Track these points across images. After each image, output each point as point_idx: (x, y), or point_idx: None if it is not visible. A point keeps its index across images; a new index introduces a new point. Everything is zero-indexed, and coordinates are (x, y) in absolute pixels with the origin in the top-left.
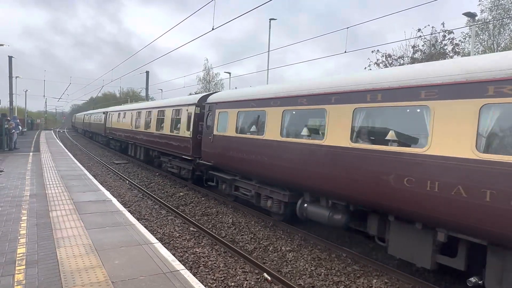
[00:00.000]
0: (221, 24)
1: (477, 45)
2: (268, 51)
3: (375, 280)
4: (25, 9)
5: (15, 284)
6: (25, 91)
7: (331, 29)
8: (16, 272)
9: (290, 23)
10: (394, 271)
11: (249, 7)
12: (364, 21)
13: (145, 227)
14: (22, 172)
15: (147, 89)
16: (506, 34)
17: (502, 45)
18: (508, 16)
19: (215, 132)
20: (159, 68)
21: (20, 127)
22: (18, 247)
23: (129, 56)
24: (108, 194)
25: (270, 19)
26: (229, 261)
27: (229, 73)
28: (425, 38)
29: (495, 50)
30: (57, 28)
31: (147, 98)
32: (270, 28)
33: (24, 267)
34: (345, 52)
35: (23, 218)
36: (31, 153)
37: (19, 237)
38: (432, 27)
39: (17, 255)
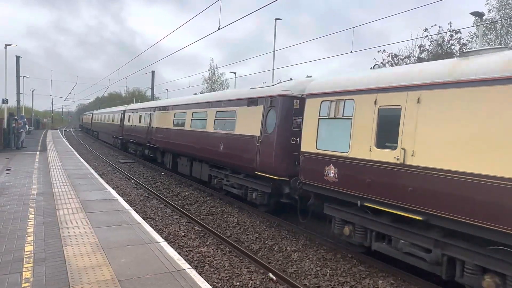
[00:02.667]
0: (228, 24)
1: (484, 45)
2: (274, 51)
3: (381, 281)
4: (28, 9)
5: (23, 282)
6: (32, 91)
7: (333, 29)
8: (24, 269)
9: (293, 23)
10: (400, 272)
11: (252, 6)
12: (370, 21)
13: (150, 226)
14: (30, 170)
15: (152, 88)
16: None
17: (510, 45)
18: None
19: None
20: (163, 68)
21: (27, 126)
22: (26, 245)
23: (134, 56)
24: (114, 193)
25: (276, 19)
26: (234, 261)
27: (235, 72)
28: (431, 37)
29: None
30: (61, 28)
31: (152, 98)
32: (275, 28)
33: (31, 265)
34: (351, 51)
35: (30, 216)
36: (38, 152)
37: (26, 235)
38: (439, 27)
39: (25, 253)
